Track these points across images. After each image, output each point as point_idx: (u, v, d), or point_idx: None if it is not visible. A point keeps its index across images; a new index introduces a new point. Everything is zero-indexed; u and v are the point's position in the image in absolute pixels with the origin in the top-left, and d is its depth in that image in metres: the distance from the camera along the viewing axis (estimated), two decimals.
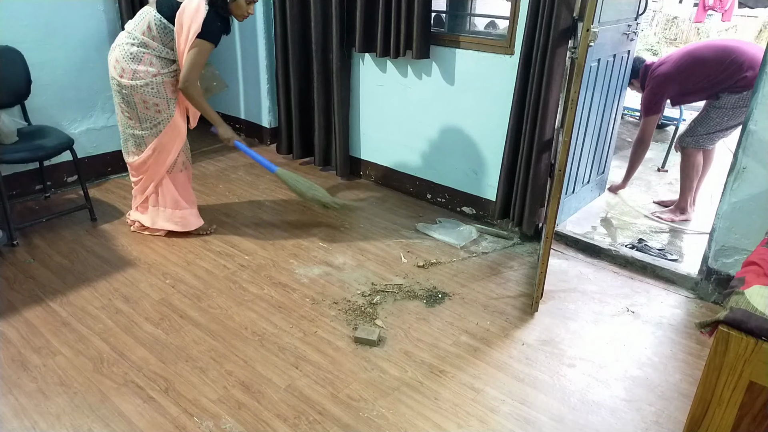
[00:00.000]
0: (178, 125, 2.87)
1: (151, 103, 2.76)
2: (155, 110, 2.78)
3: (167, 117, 2.82)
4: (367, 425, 1.92)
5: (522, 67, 2.87)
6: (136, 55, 2.69)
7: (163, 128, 2.83)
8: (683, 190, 3.41)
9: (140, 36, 2.68)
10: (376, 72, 3.61)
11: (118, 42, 2.74)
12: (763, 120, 2.33)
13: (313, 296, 2.62)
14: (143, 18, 2.69)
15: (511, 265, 2.95)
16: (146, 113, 2.79)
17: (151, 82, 2.72)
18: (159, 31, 2.68)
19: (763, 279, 1.37)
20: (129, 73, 2.69)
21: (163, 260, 2.87)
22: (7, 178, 3.28)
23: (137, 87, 2.71)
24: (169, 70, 2.77)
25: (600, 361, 2.27)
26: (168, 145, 2.87)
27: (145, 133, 2.84)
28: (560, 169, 2.30)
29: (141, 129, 2.83)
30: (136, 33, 2.69)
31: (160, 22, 2.66)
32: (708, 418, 1.33)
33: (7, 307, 2.46)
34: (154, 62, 2.72)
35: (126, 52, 2.69)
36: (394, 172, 3.79)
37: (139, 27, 2.69)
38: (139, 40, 2.69)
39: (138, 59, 2.69)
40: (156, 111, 2.79)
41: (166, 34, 2.68)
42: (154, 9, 2.68)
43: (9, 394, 2.00)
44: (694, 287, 2.75)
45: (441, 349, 2.30)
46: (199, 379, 2.10)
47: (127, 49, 2.69)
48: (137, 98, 2.74)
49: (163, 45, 2.71)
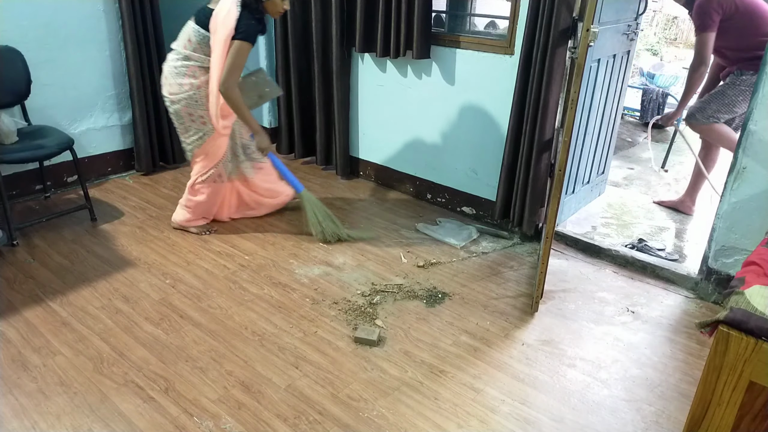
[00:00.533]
0: (217, 140, 2.92)
1: (196, 115, 2.84)
2: (200, 122, 2.86)
3: (211, 129, 2.89)
4: (367, 425, 1.92)
5: (522, 67, 2.87)
6: (180, 70, 2.78)
7: (207, 139, 2.90)
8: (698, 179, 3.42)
9: (182, 50, 2.77)
10: (376, 72, 3.61)
11: (166, 61, 2.84)
12: (763, 120, 2.34)
13: (313, 296, 2.62)
14: (184, 32, 2.79)
15: (511, 265, 2.95)
16: (192, 125, 2.87)
17: (195, 94, 2.80)
18: (199, 41, 2.74)
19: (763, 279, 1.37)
20: (176, 87, 2.79)
21: (163, 260, 2.87)
22: (7, 178, 3.28)
23: (183, 100, 2.80)
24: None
25: (600, 361, 2.27)
26: (210, 154, 2.94)
27: (192, 145, 2.94)
28: (560, 169, 2.30)
29: (188, 140, 2.93)
30: (179, 48, 2.79)
31: (198, 32, 2.73)
32: (708, 418, 1.33)
33: (7, 307, 2.46)
34: (197, 73, 2.79)
35: (172, 69, 2.80)
36: (394, 171, 3.79)
37: (181, 42, 2.79)
38: (182, 55, 2.78)
39: (182, 73, 2.78)
40: (201, 123, 2.86)
41: (205, 43, 2.74)
42: (192, 22, 2.75)
43: (9, 394, 2.00)
44: (694, 287, 2.75)
45: (441, 349, 2.30)
46: (199, 379, 2.10)
47: (172, 65, 2.80)
48: (184, 111, 2.84)
49: (205, 54, 2.76)
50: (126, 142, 3.88)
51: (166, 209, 3.40)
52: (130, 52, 3.57)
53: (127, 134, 3.86)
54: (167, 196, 3.60)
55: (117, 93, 3.73)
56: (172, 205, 3.45)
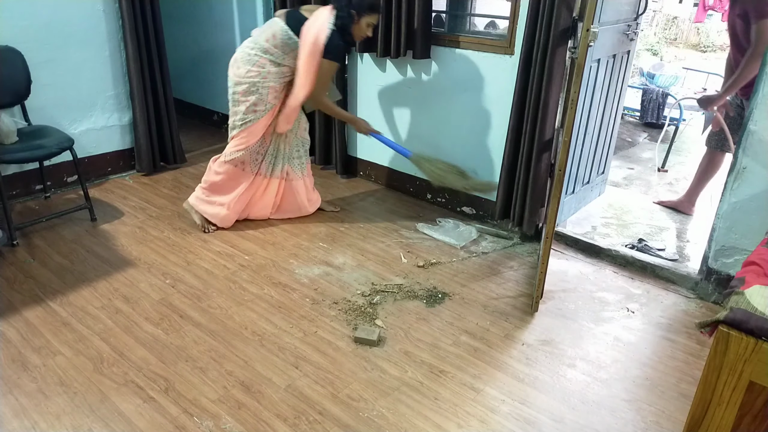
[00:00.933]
0: (257, 128, 3.01)
1: (251, 102, 2.93)
2: (252, 110, 2.95)
3: (256, 118, 2.98)
4: (367, 425, 1.92)
5: (522, 67, 2.87)
6: (253, 58, 2.89)
7: (248, 127, 2.99)
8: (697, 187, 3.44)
9: (263, 42, 2.88)
10: (376, 72, 3.61)
11: (241, 46, 2.96)
12: (763, 120, 2.33)
13: (313, 296, 2.62)
14: (270, 27, 2.90)
15: (511, 265, 2.95)
16: (242, 109, 2.96)
17: (258, 82, 2.90)
18: (283, 41, 2.86)
19: (763, 279, 1.37)
20: (243, 71, 2.90)
21: (163, 260, 2.87)
22: (7, 178, 3.29)
23: (244, 84, 2.91)
24: (278, 77, 2.94)
25: (600, 361, 2.27)
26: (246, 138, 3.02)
27: (235, 126, 3.03)
28: (560, 169, 2.30)
29: (235, 120, 3.02)
30: (259, 39, 2.89)
31: (285, 33, 2.85)
32: (708, 418, 1.33)
33: (7, 307, 2.46)
34: (266, 66, 2.90)
35: (244, 54, 2.91)
36: (394, 171, 3.79)
37: (264, 34, 2.89)
38: (261, 46, 2.88)
39: (253, 62, 2.89)
40: (252, 111, 2.96)
41: (286, 44, 2.87)
42: (282, 21, 2.88)
43: (9, 394, 2.00)
44: (694, 287, 2.75)
45: (441, 349, 2.30)
46: (199, 379, 2.10)
47: (247, 51, 2.91)
48: (241, 96, 2.94)
49: (282, 53, 2.89)
50: (126, 142, 3.88)
51: (166, 209, 3.41)
52: (131, 52, 3.57)
53: (126, 134, 3.86)
54: (167, 196, 3.60)
55: (117, 93, 3.73)
56: (172, 205, 3.46)
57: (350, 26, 2.85)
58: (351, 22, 2.84)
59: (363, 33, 2.91)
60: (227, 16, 4.36)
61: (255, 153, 3.09)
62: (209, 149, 4.41)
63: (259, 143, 3.07)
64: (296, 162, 3.26)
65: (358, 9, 2.82)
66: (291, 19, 2.88)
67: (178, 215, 3.34)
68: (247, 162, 3.09)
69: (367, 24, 2.88)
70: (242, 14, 4.25)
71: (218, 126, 4.92)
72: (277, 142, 3.16)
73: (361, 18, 2.84)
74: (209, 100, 4.94)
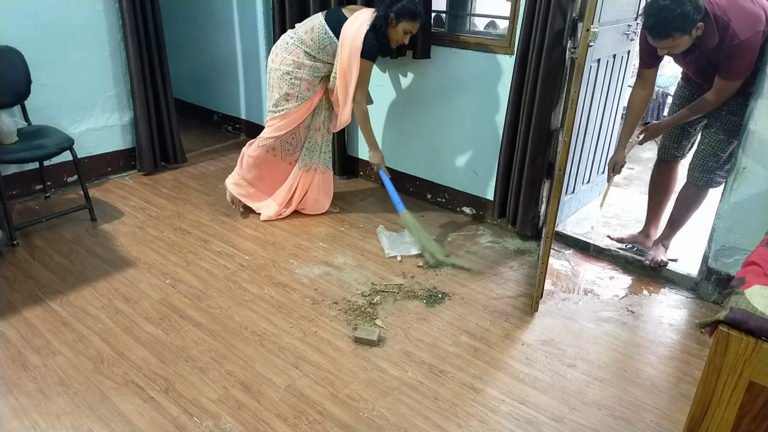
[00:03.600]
0: (291, 118, 3.09)
1: (284, 91, 3.02)
2: (285, 98, 3.05)
3: (289, 108, 3.07)
4: (367, 425, 1.92)
5: (518, 67, 2.87)
6: (290, 47, 2.99)
7: (280, 114, 3.08)
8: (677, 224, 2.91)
9: (302, 33, 2.98)
10: (376, 72, 3.61)
11: (283, 35, 3.08)
12: (763, 120, 2.33)
13: (313, 296, 2.62)
14: (311, 20, 3.00)
15: (511, 265, 2.95)
16: (276, 96, 3.05)
17: (292, 72, 2.99)
18: (319, 34, 2.94)
19: (763, 279, 1.37)
20: (279, 58, 3.01)
21: (163, 260, 2.87)
22: (7, 178, 3.29)
23: (279, 71, 3.01)
24: (312, 71, 3.02)
25: (600, 361, 2.27)
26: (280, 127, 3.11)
27: (269, 111, 3.13)
28: (560, 169, 2.30)
29: (269, 105, 3.12)
30: (299, 30, 3.00)
31: (323, 28, 2.94)
32: (708, 418, 1.32)
33: (7, 307, 2.46)
34: (302, 57, 2.98)
35: (284, 42, 3.03)
36: (394, 172, 3.78)
37: (304, 26, 3.00)
38: (299, 37, 2.98)
39: (290, 50, 2.99)
40: (285, 99, 3.05)
41: (323, 39, 2.95)
42: (322, 16, 2.97)
43: (9, 394, 2.00)
44: (694, 287, 2.75)
45: (441, 349, 2.30)
46: (199, 379, 2.10)
47: (287, 40, 3.02)
48: (275, 82, 3.04)
49: (318, 46, 2.97)
50: (126, 142, 3.88)
51: (166, 209, 3.41)
52: (131, 52, 3.57)
53: (127, 134, 3.86)
54: (167, 196, 3.60)
55: (117, 93, 3.73)
56: (172, 205, 3.46)
57: (386, 29, 2.87)
58: (388, 25, 2.85)
59: (399, 38, 2.91)
60: (227, 16, 4.36)
61: (286, 143, 3.17)
62: (209, 149, 4.41)
63: (291, 134, 3.14)
64: (327, 156, 3.34)
65: (398, 13, 2.82)
66: (331, 16, 2.95)
67: (178, 215, 3.34)
68: (278, 149, 3.17)
69: (404, 30, 2.88)
70: (242, 14, 4.25)
71: (218, 126, 4.92)
72: (315, 136, 3.23)
73: (399, 23, 2.84)
74: (209, 100, 4.94)
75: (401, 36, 2.90)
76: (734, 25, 2.26)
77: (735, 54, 2.29)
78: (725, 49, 2.31)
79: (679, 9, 2.18)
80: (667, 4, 2.20)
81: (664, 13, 2.21)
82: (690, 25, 2.22)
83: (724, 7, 2.28)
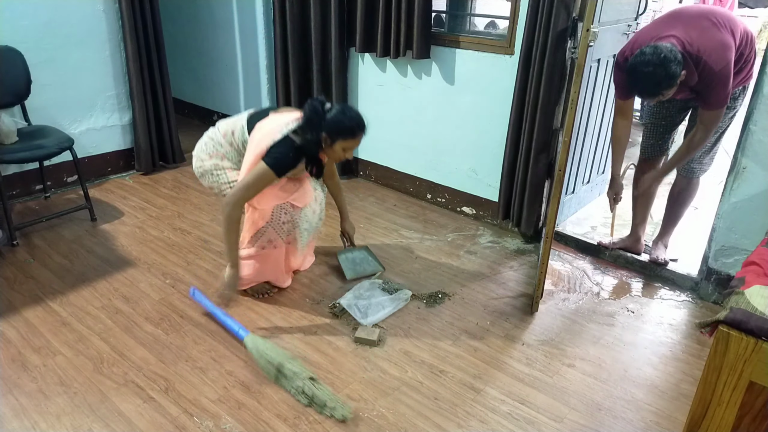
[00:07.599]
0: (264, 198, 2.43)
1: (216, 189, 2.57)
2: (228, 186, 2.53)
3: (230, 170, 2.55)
4: (367, 425, 1.92)
5: (522, 67, 2.87)
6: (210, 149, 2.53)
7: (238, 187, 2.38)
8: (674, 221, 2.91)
9: (220, 137, 2.51)
10: (376, 72, 3.61)
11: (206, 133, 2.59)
12: (763, 120, 2.33)
13: (313, 296, 2.62)
14: (234, 121, 2.51)
15: (511, 265, 2.95)
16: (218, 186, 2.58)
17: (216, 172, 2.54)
18: (239, 138, 2.46)
19: (763, 279, 1.37)
20: (198, 162, 2.56)
21: (163, 260, 2.87)
22: (7, 178, 3.29)
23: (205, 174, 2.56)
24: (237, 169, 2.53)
25: (600, 361, 2.27)
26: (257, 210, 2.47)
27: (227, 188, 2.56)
28: (560, 169, 2.30)
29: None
30: (218, 132, 2.53)
31: (244, 132, 2.44)
32: (708, 418, 1.33)
33: (7, 307, 2.46)
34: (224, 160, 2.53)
35: (202, 145, 2.56)
36: (394, 172, 3.79)
37: (226, 127, 2.51)
38: (218, 141, 2.52)
39: (208, 152, 2.53)
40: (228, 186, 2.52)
41: (243, 145, 2.46)
42: (245, 119, 2.46)
43: (9, 394, 2.00)
44: (694, 287, 2.75)
45: (441, 349, 2.30)
46: (199, 379, 2.09)
47: (206, 140, 2.56)
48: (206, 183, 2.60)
49: (237, 152, 2.50)
50: (126, 142, 3.88)
51: (166, 209, 3.41)
52: (130, 52, 3.57)
53: (127, 134, 3.86)
54: (167, 196, 3.60)
55: (117, 93, 3.73)
56: (172, 204, 3.46)
57: (316, 149, 2.29)
58: (318, 145, 2.26)
59: (339, 156, 2.32)
60: (227, 16, 4.36)
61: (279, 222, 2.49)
62: None
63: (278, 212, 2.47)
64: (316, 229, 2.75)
65: (331, 133, 2.22)
66: (255, 119, 2.42)
67: (178, 215, 3.34)
68: (274, 239, 2.49)
69: (343, 148, 2.27)
70: (242, 14, 4.25)
71: None
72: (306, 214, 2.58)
73: (335, 142, 2.25)
74: (209, 100, 4.94)
75: (341, 154, 2.30)
76: (707, 59, 2.30)
77: (713, 85, 2.34)
78: (703, 81, 2.36)
79: (663, 72, 2.24)
80: (651, 71, 2.24)
81: (652, 79, 2.26)
82: (675, 79, 2.28)
83: (695, 43, 2.31)
